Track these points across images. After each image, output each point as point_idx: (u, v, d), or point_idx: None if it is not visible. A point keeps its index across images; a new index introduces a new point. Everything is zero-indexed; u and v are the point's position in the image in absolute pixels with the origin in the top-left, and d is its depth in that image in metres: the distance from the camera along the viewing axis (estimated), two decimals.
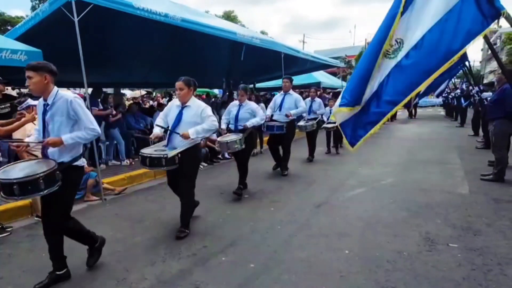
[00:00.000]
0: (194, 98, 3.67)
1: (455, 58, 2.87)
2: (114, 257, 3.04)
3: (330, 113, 7.19)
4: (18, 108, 4.36)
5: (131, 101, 12.33)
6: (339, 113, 3.28)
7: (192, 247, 3.23)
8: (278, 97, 6.09)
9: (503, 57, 26.51)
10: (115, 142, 6.72)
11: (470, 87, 9.30)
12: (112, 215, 4.20)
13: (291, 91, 5.98)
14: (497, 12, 2.67)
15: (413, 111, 17.92)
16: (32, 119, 3.70)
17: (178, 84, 3.52)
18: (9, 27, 20.47)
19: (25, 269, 2.90)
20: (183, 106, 3.58)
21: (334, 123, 6.82)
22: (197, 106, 3.57)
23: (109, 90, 11.33)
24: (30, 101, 4.32)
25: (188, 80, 3.56)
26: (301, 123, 6.88)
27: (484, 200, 4.37)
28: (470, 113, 11.92)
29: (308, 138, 7.24)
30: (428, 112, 20.65)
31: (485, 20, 2.72)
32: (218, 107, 11.31)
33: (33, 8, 26.40)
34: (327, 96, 13.41)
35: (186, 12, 6.88)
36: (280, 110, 5.82)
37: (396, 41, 3.14)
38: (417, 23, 3.02)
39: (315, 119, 7.26)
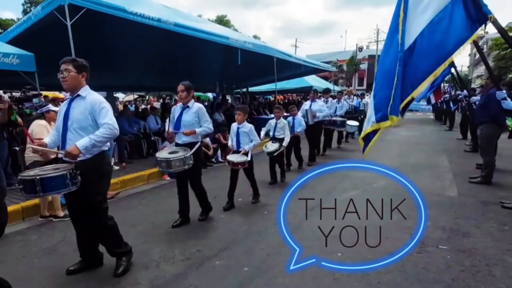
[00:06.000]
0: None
1: (447, 62, 2.87)
2: (108, 262, 3.02)
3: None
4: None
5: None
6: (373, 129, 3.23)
7: (186, 251, 3.24)
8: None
9: (490, 63, 27.08)
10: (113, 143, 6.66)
11: (458, 92, 9.48)
12: None
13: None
14: (484, 17, 2.72)
15: None
16: None
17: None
18: None
19: (17, 275, 2.85)
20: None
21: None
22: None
23: (102, 94, 11.28)
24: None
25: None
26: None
27: (472, 202, 4.47)
28: (458, 117, 12.13)
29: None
30: (417, 116, 20.93)
31: (473, 24, 2.77)
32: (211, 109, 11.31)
33: (25, 12, 26.11)
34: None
35: (179, 16, 6.92)
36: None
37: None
38: (410, 24, 2.99)
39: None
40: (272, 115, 6.45)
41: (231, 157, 4.48)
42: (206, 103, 13.94)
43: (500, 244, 3.23)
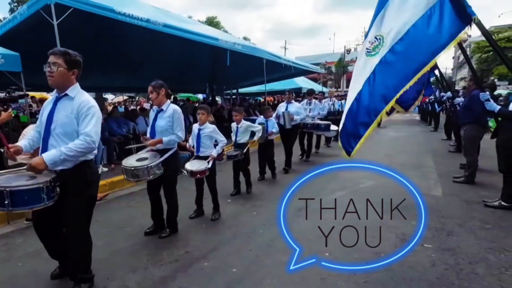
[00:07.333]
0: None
1: (432, 63, 2.94)
2: (95, 265, 2.97)
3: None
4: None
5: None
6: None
7: (174, 253, 3.23)
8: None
9: (473, 66, 27.65)
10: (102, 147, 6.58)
11: (442, 93, 9.67)
12: (93, 221, 4.07)
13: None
14: (469, 18, 2.80)
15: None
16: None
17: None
18: None
19: (1, 279, 2.81)
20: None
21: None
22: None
23: (91, 95, 11.17)
24: None
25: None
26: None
27: (456, 201, 4.57)
28: (443, 118, 12.39)
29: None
30: (404, 117, 21.26)
31: (461, 24, 2.85)
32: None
33: (12, 11, 25.59)
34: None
35: (168, 17, 6.89)
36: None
37: (376, 38, 3.16)
38: (396, 19, 3.02)
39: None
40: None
41: (189, 165, 3.98)
42: (197, 105, 13.89)
43: (483, 243, 3.32)
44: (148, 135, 3.65)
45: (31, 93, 9.57)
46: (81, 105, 2.34)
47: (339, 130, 3.29)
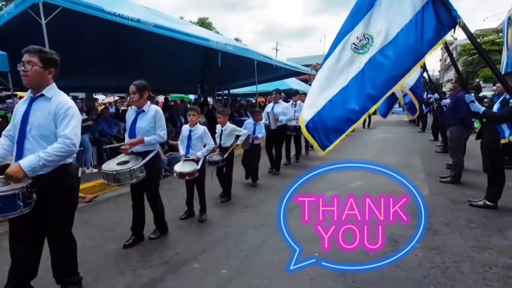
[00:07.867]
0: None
1: (420, 63, 3.00)
2: (83, 267, 2.95)
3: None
4: None
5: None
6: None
7: (164, 254, 3.22)
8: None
9: (459, 68, 28.08)
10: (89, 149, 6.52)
11: (429, 95, 9.83)
12: (82, 223, 4.07)
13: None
14: (453, 21, 2.86)
15: (368, 120, 16.22)
16: None
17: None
18: None
19: None
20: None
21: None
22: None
23: (81, 95, 11.04)
24: None
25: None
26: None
27: (442, 201, 4.67)
28: (430, 119, 12.60)
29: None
30: (393, 118, 21.53)
31: (443, 28, 2.91)
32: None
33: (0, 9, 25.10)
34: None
35: (159, 18, 6.85)
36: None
37: (364, 36, 3.20)
38: (386, 20, 3.05)
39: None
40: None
41: (178, 167, 3.93)
42: (188, 105, 13.83)
43: (468, 241, 3.40)
44: (126, 136, 3.51)
45: (19, 93, 9.40)
46: (59, 106, 2.21)
47: (306, 122, 3.14)
